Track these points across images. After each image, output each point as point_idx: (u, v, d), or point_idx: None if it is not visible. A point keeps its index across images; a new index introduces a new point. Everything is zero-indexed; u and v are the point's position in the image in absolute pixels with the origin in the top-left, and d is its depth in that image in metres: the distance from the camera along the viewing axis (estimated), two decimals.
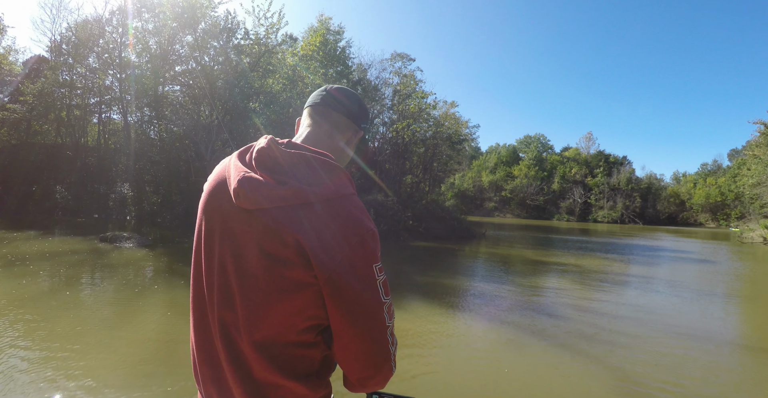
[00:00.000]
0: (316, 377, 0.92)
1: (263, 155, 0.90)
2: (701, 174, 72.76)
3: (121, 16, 22.64)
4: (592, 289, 8.88)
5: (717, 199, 62.06)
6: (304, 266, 0.84)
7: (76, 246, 10.57)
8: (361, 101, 1.13)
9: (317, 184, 0.87)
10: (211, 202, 0.97)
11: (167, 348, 4.31)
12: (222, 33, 20.62)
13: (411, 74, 26.15)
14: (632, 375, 4.22)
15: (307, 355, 0.90)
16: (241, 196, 0.86)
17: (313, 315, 0.88)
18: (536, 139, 76.23)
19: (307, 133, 1.06)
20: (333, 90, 1.10)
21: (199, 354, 0.96)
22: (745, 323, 7.08)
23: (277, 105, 20.44)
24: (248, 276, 0.88)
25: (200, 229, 0.98)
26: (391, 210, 19.77)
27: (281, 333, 0.88)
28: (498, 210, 65.89)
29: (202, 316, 0.96)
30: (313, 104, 1.09)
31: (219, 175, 0.98)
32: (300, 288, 0.86)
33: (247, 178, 0.86)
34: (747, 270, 13.45)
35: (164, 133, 22.76)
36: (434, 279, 9.40)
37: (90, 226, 15.32)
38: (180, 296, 6.43)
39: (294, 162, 0.89)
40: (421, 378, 3.99)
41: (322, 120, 1.07)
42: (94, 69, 24.54)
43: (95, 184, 22.93)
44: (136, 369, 3.75)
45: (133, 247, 10.71)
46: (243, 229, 0.89)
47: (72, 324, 4.86)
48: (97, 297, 6.22)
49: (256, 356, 0.87)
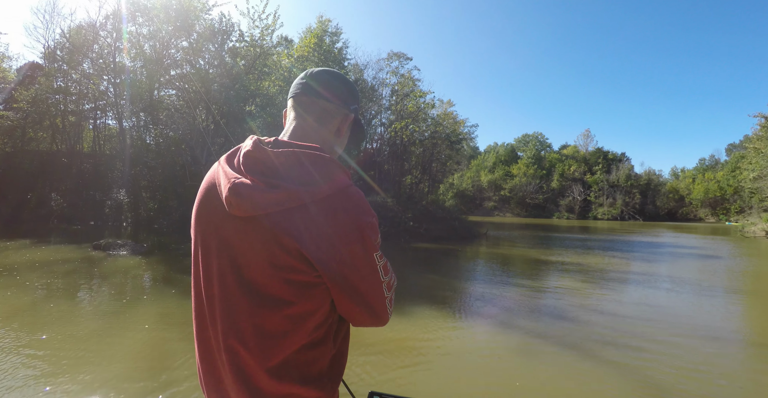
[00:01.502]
0: (327, 379, 0.92)
1: (250, 158, 0.87)
2: (699, 169, 72.75)
3: (115, 20, 22.46)
4: (601, 289, 8.66)
5: (716, 194, 61.99)
6: (309, 269, 0.83)
7: (68, 254, 10.32)
8: (346, 82, 1.05)
9: (310, 183, 0.84)
10: (204, 212, 0.94)
11: (154, 368, 4.07)
12: (216, 36, 20.43)
13: (408, 74, 25.95)
14: (655, 383, 4.00)
15: (318, 356, 0.90)
16: (234, 204, 0.83)
17: (324, 311, 0.89)
18: (534, 137, 76.16)
19: (293, 127, 1.00)
20: (313, 75, 1.03)
21: (202, 365, 0.95)
22: (766, 322, 6.86)
23: (274, 107, 20.25)
24: (255, 285, 0.86)
25: (196, 240, 0.96)
26: (391, 211, 19.55)
27: (294, 341, 0.86)
28: (497, 210, 65.74)
29: (203, 328, 0.94)
30: (294, 95, 1.03)
31: (209, 182, 0.95)
32: (307, 290, 0.85)
33: (237, 184, 0.83)
34: (756, 266, 13.25)
35: (160, 138, 22.55)
36: (436, 282, 9.19)
37: (85, 234, 15.08)
38: (171, 307, 6.14)
39: (282, 162, 0.85)
40: (422, 386, 3.77)
41: (306, 111, 1.01)
42: (89, 74, 24.33)
43: (91, 191, 22.68)
44: (118, 388, 3.52)
45: (127, 255, 10.47)
46: (240, 238, 0.86)
47: (50, 341, 4.62)
48: (82, 310, 5.91)
49: (265, 375, 0.86)
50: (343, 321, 0.97)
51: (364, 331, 5.02)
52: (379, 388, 3.70)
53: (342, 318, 0.96)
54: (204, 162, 18.98)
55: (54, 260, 9.44)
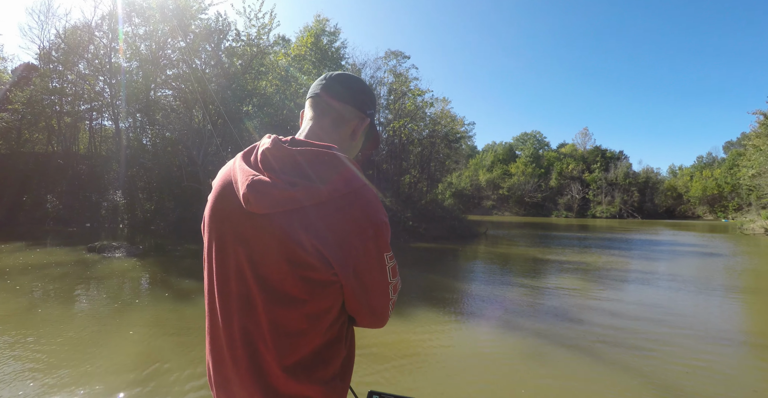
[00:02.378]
0: (339, 380, 0.92)
1: (268, 156, 0.88)
2: (697, 166, 72.84)
3: (111, 21, 22.28)
4: (606, 288, 8.53)
5: (714, 192, 62.08)
6: (324, 266, 0.84)
7: (62, 257, 10.12)
8: (365, 86, 1.08)
9: (326, 182, 0.84)
10: (219, 208, 0.94)
11: (145, 379, 3.91)
12: (213, 35, 20.26)
13: (406, 72, 25.79)
14: (665, 385, 3.87)
15: (332, 356, 0.91)
16: (252, 201, 0.83)
17: (337, 310, 0.90)
18: (532, 136, 76.13)
19: (310, 126, 1.02)
20: (333, 77, 1.05)
21: (212, 362, 0.95)
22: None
23: (271, 107, 20.10)
24: (271, 281, 0.86)
25: (210, 237, 0.95)
26: (390, 211, 19.42)
27: (310, 340, 0.87)
28: (496, 209, 65.70)
29: (215, 326, 0.94)
30: (313, 95, 1.05)
31: (224, 179, 0.95)
32: (324, 288, 0.86)
33: (256, 181, 0.84)
34: (758, 264, 13.16)
35: (157, 139, 22.35)
36: (438, 283, 9.05)
37: (81, 236, 14.89)
38: (164, 312, 5.93)
39: (300, 160, 0.86)
40: (422, 387, 3.64)
41: (324, 111, 1.03)
42: (84, 75, 24.12)
43: (87, 193, 22.41)
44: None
45: (123, 257, 10.28)
46: (256, 234, 0.87)
47: (35, 350, 4.46)
48: (73, 315, 5.68)
49: (282, 374, 0.86)
50: (352, 321, 0.99)
51: (364, 331, 4.92)
52: (378, 388, 3.59)
53: (351, 318, 0.97)
54: (201, 163, 18.80)
55: (47, 263, 9.26)
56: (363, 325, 0.99)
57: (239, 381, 0.89)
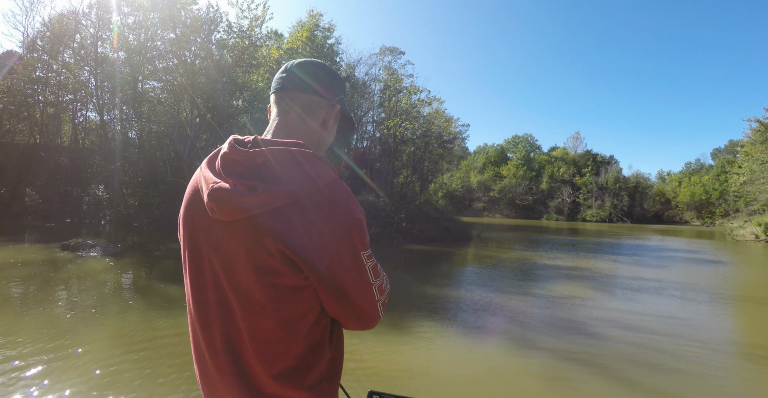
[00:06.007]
0: (326, 382, 0.90)
1: (228, 161, 0.84)
2: (685, 172, 73.54)
3: (99, 9, 21.52)
4: (614, 298, 8.09)
5: (702, 198, 62.62)
6: (294, 271, 0.80)
7: (32, 256, 9.41)
8: (329, 71, 1.01)
9: (291, 182, 0.80)
10: (190, 216, 0.91)
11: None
12: (203, 26, 19.59)
13: (402, 68, 25.26)
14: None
15: (316, 360, 0.88)
16: (215, 209, 0.81)
17: (315, 313, 0.86)
18: (524, 138, 76.26)
19: (276, 123, 0.97)
20: (294, 66, 0.99)
21: (199, 371, 0.94)
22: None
23: (262, 102, 19.51)
24: (242, 290, 0.83)
25: (185, 245, 0.93)
26: (383, 211, 18.91)
27: (290, 347, 0.84)
28: (487, 211, 65.57)
29: (195, 335, 0.92)
30: (276, 89, 0.99)
31: (193, 186, 0.92)
32: (296, 293, 0.83)
33: (216, 189, 0.80)
34: (761, 272, 12.94)
35: (143, 132, 21.58)
36: (434, 289, 8.58)
37: (59, 232, 14.14)
38: (130, 323, 5.13)
39: (261, 162, 0.81)
40: (422, 387, 3.25)
41: (289, 105, 0.97)
42: (69, 65, 23.24)
43: (68, 187, 21.54)
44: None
45: (98, 257, 9.60)
46: (227, 241, 0.84)
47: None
48: (28, 324, 4.99)
49: (267, 380, 0.84)
50: (336, 323, 0.94)
51: (361, 334, 4.68)
52: (378, 388, 3.46)
53: (335, 320, 0.93)
54: (187, 158, 18.12)
55: (14, 262, 8.56)
56: (350, 328, 0.94)
57: (226, 389, 0.87)
